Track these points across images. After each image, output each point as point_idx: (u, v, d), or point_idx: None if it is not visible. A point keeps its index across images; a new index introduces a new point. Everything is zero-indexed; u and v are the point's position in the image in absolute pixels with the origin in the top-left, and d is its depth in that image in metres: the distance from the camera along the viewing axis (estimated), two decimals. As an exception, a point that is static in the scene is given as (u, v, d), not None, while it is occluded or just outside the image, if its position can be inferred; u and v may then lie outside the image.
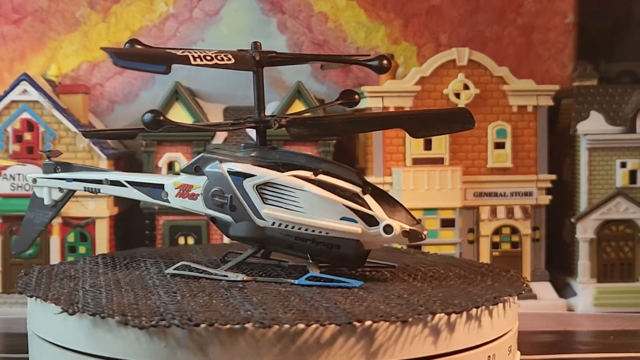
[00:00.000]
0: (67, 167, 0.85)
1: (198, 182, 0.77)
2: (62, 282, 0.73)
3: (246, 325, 0.58)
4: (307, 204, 0.72)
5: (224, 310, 0.61)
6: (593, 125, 1.34)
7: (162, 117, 0.69)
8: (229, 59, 0.72)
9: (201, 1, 1.49)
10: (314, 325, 0.58)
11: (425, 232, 0.71)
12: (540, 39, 1.52)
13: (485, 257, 1.34)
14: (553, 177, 1.37)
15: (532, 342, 1.11)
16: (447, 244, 1.30)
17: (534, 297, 1.34)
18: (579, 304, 1.34)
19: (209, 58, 0.71)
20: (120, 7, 1.48)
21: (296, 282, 0.72)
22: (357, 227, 0.71)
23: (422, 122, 0.77)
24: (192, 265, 0.77)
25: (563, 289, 1.39)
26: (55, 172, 0.85)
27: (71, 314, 0.62)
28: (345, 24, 1.50)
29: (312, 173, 0.72)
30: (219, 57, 0.71)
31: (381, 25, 1.51)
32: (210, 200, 0.76)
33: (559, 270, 1.42)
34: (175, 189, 0.78)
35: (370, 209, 0.71)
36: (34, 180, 0.86)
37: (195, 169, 0.77)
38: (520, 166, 1.35)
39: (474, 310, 0.64)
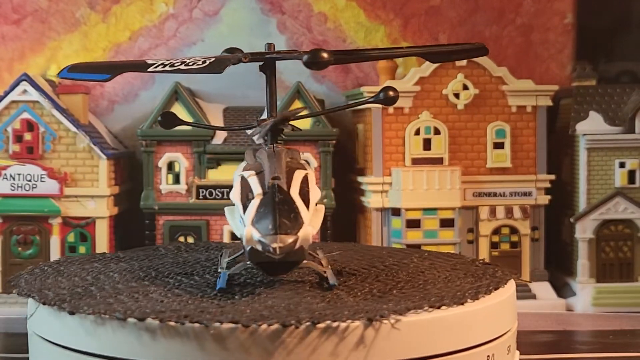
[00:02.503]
0: None
1: None
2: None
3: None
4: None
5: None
6: (592, 125, 1.34)
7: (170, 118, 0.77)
8: (203, 63, 0.69)
9: (201, 1, 1.49)
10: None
11: (275, 245, 0.61)
12: (539, 39, 1.53)
13: (484, 257, 1.34)
14: (552, 177, 1.37)
15: (531, 342, 1.11)
16: (447, 244, 1.31)
17: (533, 296, 1.34)
18: (578, 303, 1.34)
19: (177, 64, 0.70)
20: (120, 8, 1.49)
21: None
22: (241, 231, 0.65)
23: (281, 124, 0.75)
24: (228, 253, 0.79)
25: (562, 289, 1.39)
26: None
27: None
28: (345, 24, 1.51)
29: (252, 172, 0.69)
30: (190, 63, 0.69)
31: (380, 25, 1.51)
32: None
33: (558, 270, 1.42)
34: None
35: (244, 213, 0.65)
36: None
37: None
38: (519, 166, 1.36)
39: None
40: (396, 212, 1.31)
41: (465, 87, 1.34)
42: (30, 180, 1.30)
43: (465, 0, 1.52)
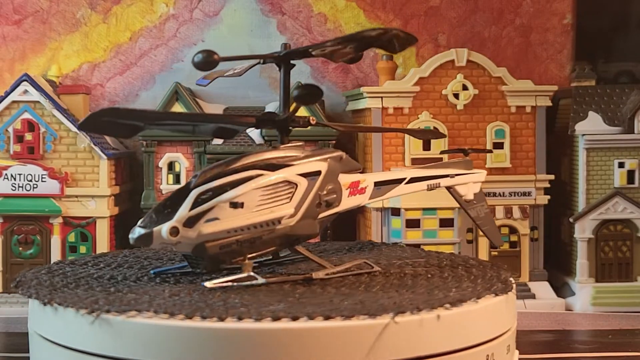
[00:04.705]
0: None
1: None
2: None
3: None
4: None
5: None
6: (591, 126, 1.35)
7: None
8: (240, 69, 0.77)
9: (201, 2, 1.50)
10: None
11: (130, 235, 0.66)
12: (538, 39, 1.53)
13: (483, 257, 1.34)
14: (551, 177, 1.37)
15: (530, 342, 1.11)
16: (446, 243, 1.31)
17: (533, 296, 1.34)
18: (577, 303, 1.34)
19: (237, 69, 0.78)
20: (120, 8, 1.49)
21: None
22: None
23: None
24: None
25: (561, 289, 1.39)
26: None
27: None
28: (345, 25, 1.51)
29: None
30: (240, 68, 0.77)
31: (380, 25, 1.51)
32: None
33: (557, 269, 1.43)
34: None
35: None
36: None
37: None
38: (518, 166, 1.36)
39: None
40: (396, 212, 1.31)
41: (465, 88, 1.34)
42: (31, 180, 1.30)
43: (464, 0, 1.52)
